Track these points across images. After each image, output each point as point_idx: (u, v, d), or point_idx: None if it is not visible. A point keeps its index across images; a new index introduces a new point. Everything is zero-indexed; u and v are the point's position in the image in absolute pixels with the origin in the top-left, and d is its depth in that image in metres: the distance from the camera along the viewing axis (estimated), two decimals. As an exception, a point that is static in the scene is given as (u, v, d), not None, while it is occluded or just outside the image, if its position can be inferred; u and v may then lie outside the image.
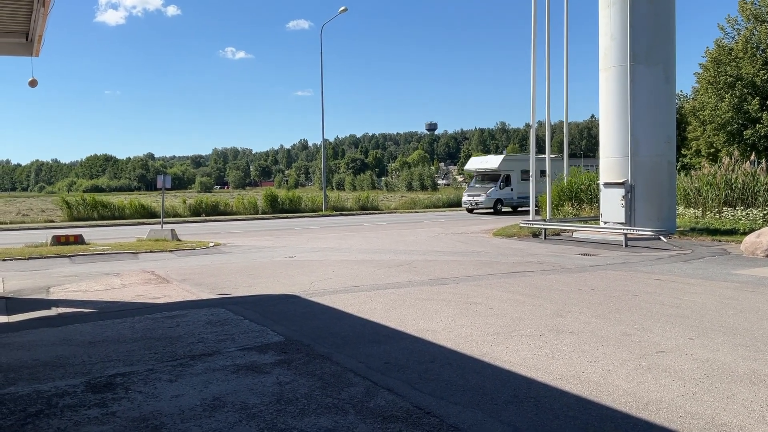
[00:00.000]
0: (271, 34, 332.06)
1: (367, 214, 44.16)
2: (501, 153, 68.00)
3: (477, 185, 40.86)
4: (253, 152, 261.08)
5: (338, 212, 44.83)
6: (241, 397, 5.86)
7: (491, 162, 41.18)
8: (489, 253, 17.86)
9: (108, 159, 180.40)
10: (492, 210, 39.23)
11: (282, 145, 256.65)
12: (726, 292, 10.89)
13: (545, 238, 21.62)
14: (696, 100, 43.16)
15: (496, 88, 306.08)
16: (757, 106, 36.77)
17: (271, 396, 5.89)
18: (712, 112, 38.78)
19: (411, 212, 45.55)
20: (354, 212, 45.49)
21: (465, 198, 40.87)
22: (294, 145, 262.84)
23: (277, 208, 44.32)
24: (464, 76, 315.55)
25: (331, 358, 7.14)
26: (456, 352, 7.33)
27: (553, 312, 9.46)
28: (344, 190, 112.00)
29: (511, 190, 39.59)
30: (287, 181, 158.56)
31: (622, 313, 9.27)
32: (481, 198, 39.17)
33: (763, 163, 26.00)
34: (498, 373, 6.47)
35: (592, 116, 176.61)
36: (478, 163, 42.92)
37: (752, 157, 29.05)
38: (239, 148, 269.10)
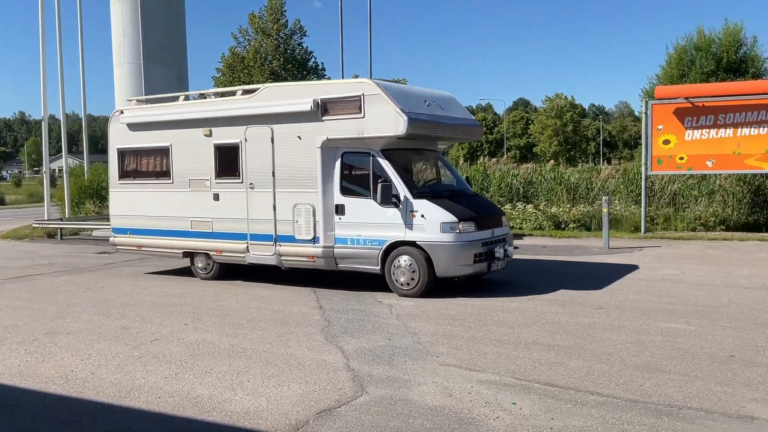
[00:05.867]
0: None
1: None
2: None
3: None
4: None
5: None
6: None
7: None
8: (-8, 258, 16.09)
9: None
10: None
11: None
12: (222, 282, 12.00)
13: (62, 239, 20.47)
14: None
15: (18, 74, 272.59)
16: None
17: None
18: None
19: None
20: None
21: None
22: None
23: None
24: None
25: None
26: (-74, 372, 6.48)
27: (54, 314, 9.08)
28: None
29: None
30: None
31: (127, 308, 9.44)
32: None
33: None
34: (-24, 388, 5.96)
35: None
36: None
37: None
38: None
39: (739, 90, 16.92)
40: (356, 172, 10.41)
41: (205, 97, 12.85)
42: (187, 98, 12.61)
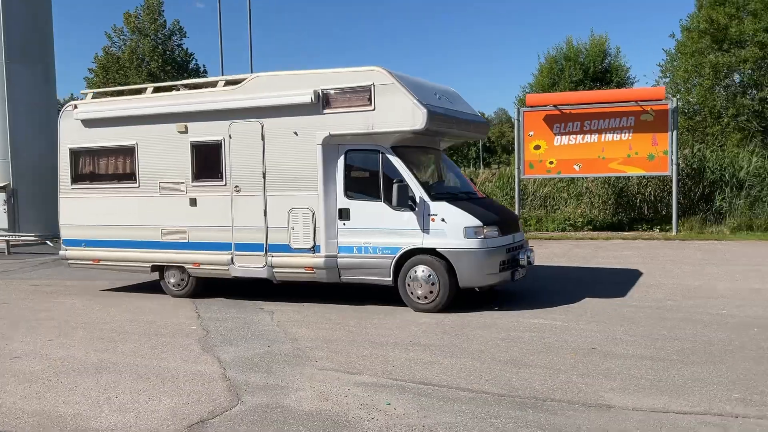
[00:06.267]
0: None
1: None
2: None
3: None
4: None
5: None
6: None
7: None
8: None
9: None
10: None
11: None
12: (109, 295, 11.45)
13: None
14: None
15: None
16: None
17: None
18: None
19: None
20: None
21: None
22: None
23: None
24: None
25: None
26: None
27: None
28: None
29: None
30: None
31: (-15, 325, 8.80)
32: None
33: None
34: None
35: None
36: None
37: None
38: None
39: (603, 98, 18.11)
40: (362, 172, 9.33)
41: (178, 89, 11.16)
42: (156, 90, 10.96)
